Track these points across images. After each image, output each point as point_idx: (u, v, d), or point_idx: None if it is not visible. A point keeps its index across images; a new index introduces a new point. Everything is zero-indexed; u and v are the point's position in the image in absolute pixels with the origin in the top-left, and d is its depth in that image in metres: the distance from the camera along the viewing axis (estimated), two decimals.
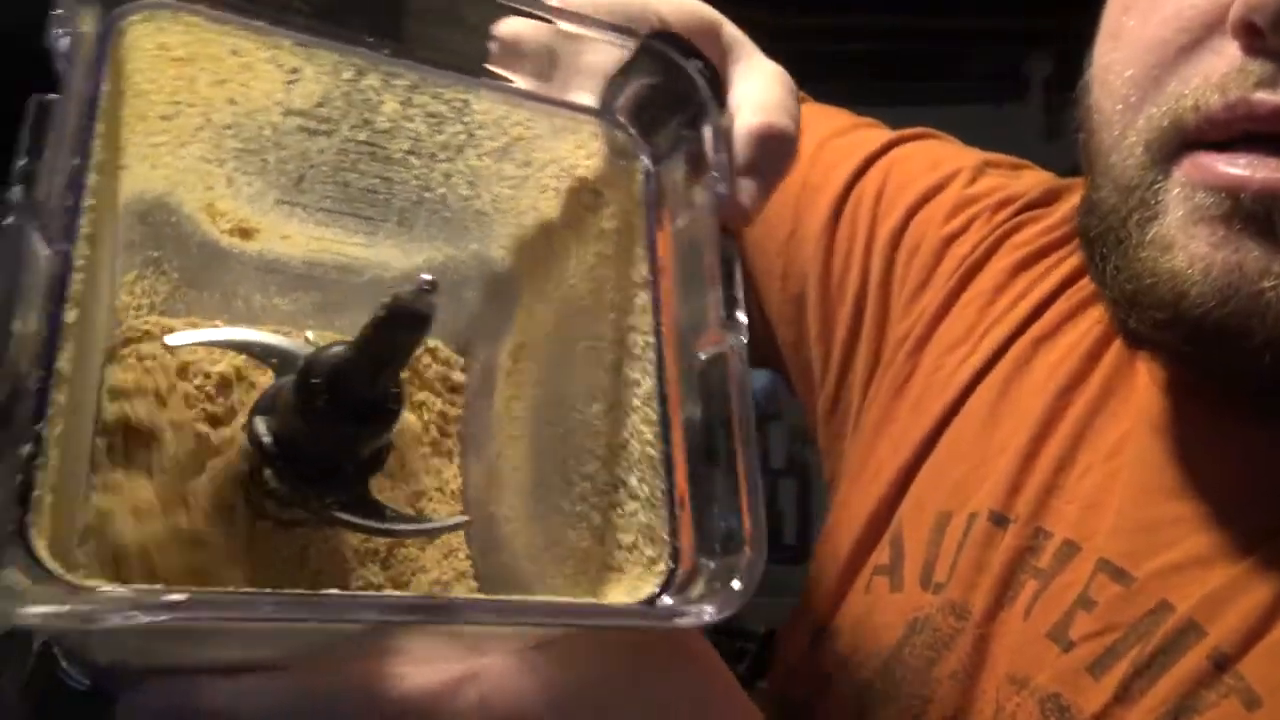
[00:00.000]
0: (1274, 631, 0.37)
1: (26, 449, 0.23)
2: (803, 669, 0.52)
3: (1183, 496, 0.42)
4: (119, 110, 0.32)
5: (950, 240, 0.56)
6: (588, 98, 0.36)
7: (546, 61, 0.35)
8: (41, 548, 0.23)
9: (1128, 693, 0.39)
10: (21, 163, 0.25)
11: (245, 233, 0.38)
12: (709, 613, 0.27)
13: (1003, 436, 0.49)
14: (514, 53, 0.35)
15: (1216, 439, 0.42)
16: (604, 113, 0.36)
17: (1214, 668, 0.38)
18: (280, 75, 0.33)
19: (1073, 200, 0.53)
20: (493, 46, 0.35)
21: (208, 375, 0.37)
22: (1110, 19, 0.42)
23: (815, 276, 0.58)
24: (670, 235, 0.34)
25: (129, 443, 0.35)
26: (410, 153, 0.36)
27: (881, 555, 0.51)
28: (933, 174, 0.59)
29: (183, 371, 0.37)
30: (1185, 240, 0.37)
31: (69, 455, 0.28)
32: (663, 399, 0.32)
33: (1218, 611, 0.38)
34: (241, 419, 0.35)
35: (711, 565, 0.29)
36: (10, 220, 0.24)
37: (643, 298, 0.34)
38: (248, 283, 0.39)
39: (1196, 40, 0.38)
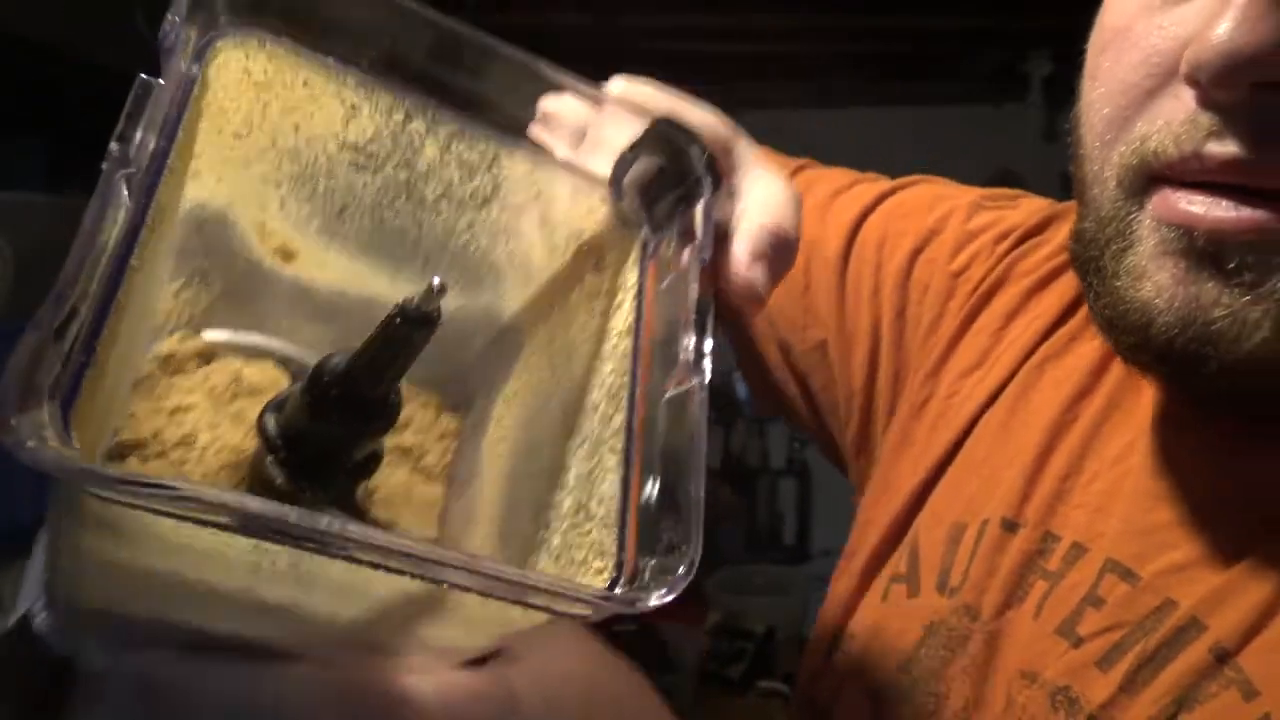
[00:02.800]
0: (1272, 627, 0.39)
1: (80, 357, 0.26)
2: (823, 674, 0.55)
3: (1178, 501, 0.44)
4: (197, 121, 0.36)
5: (957, 276, 0.59)
6: (603, 168, 0.40)
7: (577, 135, 0.40)
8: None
9: (1132, 684, 0.41)
10: (123, 125, 0.30)
11: (287, 254, 0.41)
12: (644, 600, 0.29)
13: (1012, 449, 0.52)
14: (551, 125, 0.40)
15: (1202, 448, 0.44)
16: (614, 183, 0.40)
17: (1215, 661, 0.40)
18: (341, 110, 0.38)
19: (1070, 224, 0.55)
20: (536, 115, 0.39)
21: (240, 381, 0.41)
22: (1090, 59, 0.44)
23: (832, 324, 0.62)
24: (656, 294, 0.38)
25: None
26: (442, 197, 0.40)
27: (900, 565, 0.53)
28: (930, 215, 0.62)
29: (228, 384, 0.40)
30: (1154, 271, 0.39)
31: (108, 396, 0.31)
32: (629, 430, 0.36)
33: (1218, 608, 0.41)
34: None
35: (651, 562, 0.32)
36: (106, 164, 0.29)
37: (625, 345, 0.38)
38: (280, 305, 0.43)
39: (1160, 84, 0.40)
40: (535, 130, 0.39)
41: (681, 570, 0.30)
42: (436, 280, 0.33)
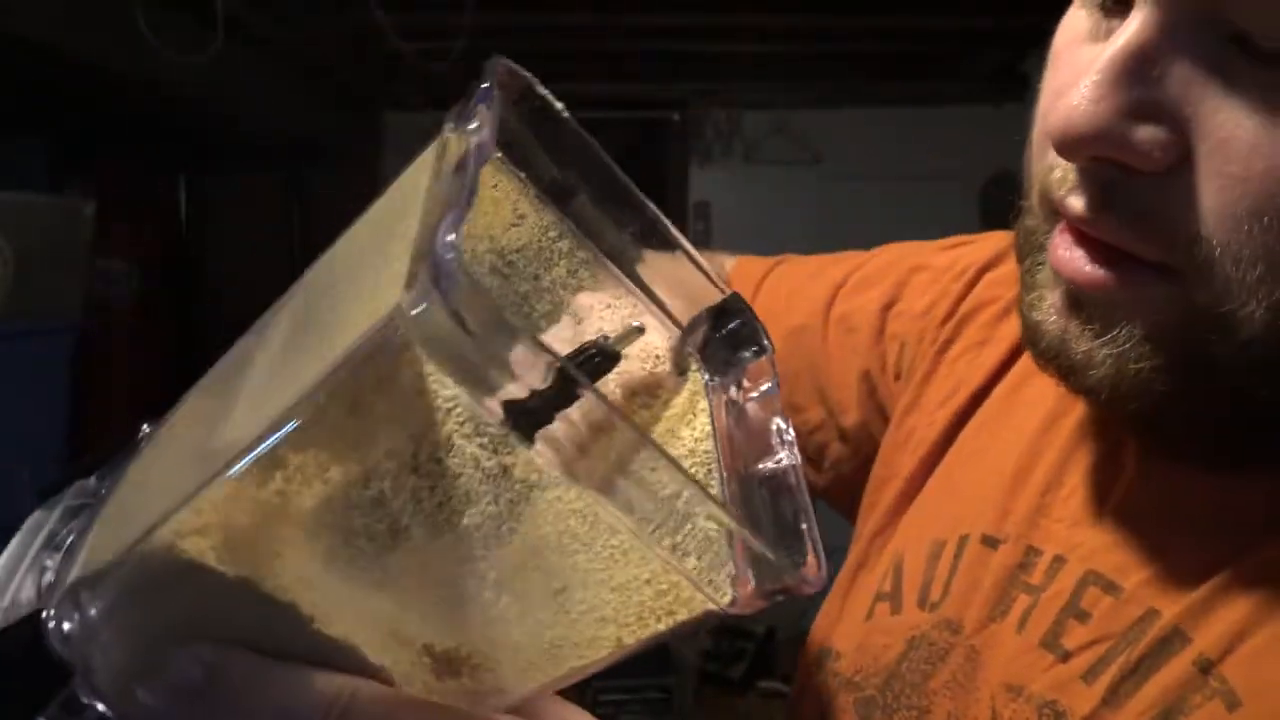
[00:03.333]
0: (1254, 637, 0.39)
1: None
2: (811, 690, 0.55)
3: (1156, 514, 0.45)
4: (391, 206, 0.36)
5: (925, 315, 0.61)
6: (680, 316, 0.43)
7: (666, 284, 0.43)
8: None
9: (1115, 696, 0.41)
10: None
11: None
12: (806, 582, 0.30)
13: (991, 467, 0.52)
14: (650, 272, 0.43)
15: (1175, 464, 0.45)
16: (686, 333, 0.43)
17: (1198, 672, 0.40)
18: (511, 217, 0.39)
19: None
20: (642, 255, 0.42)
21: None
22: None
23: (829, 396, 0.64)
24: (725, 412, 0.41)
25: None
26: (545, 317, 0.41)
27: (885, 584, 0.54)
28: (894, 272, 0.64)
29: None
30: (1049, 295, 0.42)
31: None
32: (723, 482, 0.37)
33: (1200, 619, 0.41)
34: None
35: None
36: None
37: (704, 446, 0.39)
38: None
39: None
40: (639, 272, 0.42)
41: (814, 546, 0.31)
42: (636, 324, 0.36)
